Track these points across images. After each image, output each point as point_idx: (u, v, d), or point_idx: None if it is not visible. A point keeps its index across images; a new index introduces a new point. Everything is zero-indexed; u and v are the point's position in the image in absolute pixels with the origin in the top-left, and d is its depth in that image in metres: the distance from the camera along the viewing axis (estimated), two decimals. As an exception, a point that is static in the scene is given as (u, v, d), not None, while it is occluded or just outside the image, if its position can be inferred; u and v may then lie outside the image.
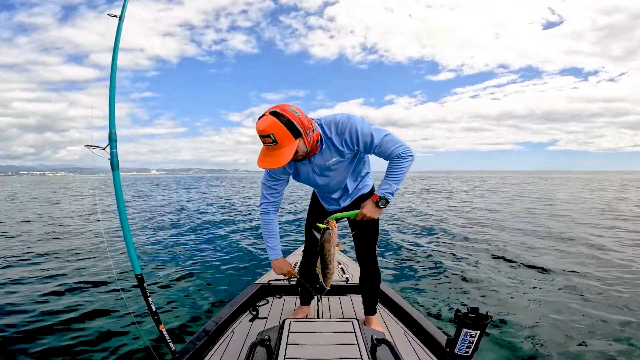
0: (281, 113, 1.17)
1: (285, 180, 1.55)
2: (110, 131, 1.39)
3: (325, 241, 1.32)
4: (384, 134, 1.32)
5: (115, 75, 1.38)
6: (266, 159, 1.21)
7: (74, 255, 4.71)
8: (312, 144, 1.29)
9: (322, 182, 1.51)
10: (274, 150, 1.20)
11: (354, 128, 1.31)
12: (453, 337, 1.19)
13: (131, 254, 1.48)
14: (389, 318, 1.95)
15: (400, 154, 1.32)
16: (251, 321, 1.92)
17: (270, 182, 1.53)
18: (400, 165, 1.33)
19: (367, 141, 1.32)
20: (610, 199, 13.53)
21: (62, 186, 28.73)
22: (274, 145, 1.19)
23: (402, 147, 1.32)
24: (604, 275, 3.73)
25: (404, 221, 7.80)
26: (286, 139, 1.18)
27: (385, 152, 1.34)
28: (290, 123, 1.18)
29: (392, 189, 1.35)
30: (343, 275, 2.46)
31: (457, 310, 1.17)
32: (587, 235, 6.03)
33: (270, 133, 1.16)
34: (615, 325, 2.55)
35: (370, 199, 1.38)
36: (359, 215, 1.39)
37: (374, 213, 1.38)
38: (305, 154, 1.32)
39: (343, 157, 1.39)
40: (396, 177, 1.34)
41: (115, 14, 1.43)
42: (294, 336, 1.27)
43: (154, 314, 1.52)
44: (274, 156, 1.19)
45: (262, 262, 4.39)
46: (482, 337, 1.14)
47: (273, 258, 1.60)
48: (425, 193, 15.60)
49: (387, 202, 1.36)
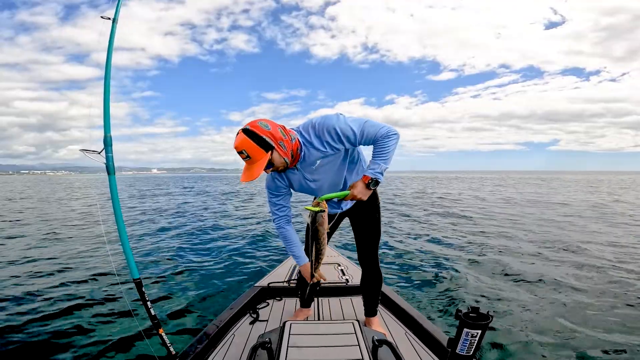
0: (251, 129, 1.25)
1: (287, 194, 1.60)
2: (106, 135, 1.38)
3: (319, 224, 1.31)
4: (363, 121, 1.34)
5: (109, 78, 1.36)
6: (245, 173, 1.28)
7: (72, 259, 4.69)
8: (291, 153, 1.33)
9: (315, 186, 1.52)
10: (250, 165, 1.27)
11: (331, 127, 1.32)
12: (454, 337, 1.18)
13: (129, 259, 1.47)
14: (390, 319, 1.94)
15: (384, 134, 1.32)
16: (251, 324, 1.91)
17: (274, 199, 1.59)
18: (386, 144, 1.33)
19: (348, 135, 1.33)
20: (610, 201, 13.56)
21: (65, 186, 28.61)
22: (248, 160, 1.26)
23: (385, 127, 1.33)
24: (606, 275, 3.73)
25: (403, 222, 7.80)
26: (258, 153, 1.25)
27: (370, 138, 1.34)
28: (259, 138, 1.25)
29: (381, 168, 1.34)
30: (343, 277, 2.46)
31: (458, 310, 1.16)
32: (587, 237, 6.04)
33: (243, 149, 1.24)
34: (615, 326, 2.54)
35: (361, 180, 1.37)
36: (349, 196, 1.38)
37: (364, 194, 1.37)
38: (287, 164, 1.35)
39: (327, 157, 1.40)
40: (384, 156, 1.33)
41: (109, 17, 1.42)
42: (295, 338, 1.26)
43: (153, 317, 1.51)
44: (250, 170, 1.26)
45: (262, 264, 4.38)
46: (483, 336, 1.13)
47: (300, 264, 1.65)
48: (424, 195, 15.62)
49: (377, 183, 1.35)
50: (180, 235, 6.65)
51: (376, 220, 1.68)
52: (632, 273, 3.76)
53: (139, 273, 1.50)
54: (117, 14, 1.40)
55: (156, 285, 3.58)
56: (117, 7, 1.40)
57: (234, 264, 4.43)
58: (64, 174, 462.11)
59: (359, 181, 1.37)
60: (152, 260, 4.69)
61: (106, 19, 1.38)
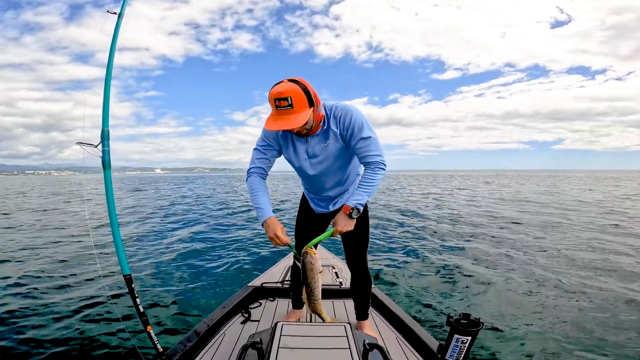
0: (300, 81, 1.25)
1: (276, 150, 1.52)
2: (103, 129, 1.38)
3: (308, 270, 1.34)
4: (372, 134, 1.37)
5: (111, 73, 1.37)
6: (278, 121, 1.24)
7: (62, 255, 4.63)
8: (317, 121, 1.35)
9: (313, 171, 1.49)
10: (288, 114, 1.23)
11: (349, 114, 1.36)
12: (445, 343, 1.19)
13: (120, 254, 1.45)
14: (382, 323, 1.94)
15: (376, 162, 1.37)
16: (243, 323, 1.90)
17: (263, 147, 1.50)
18: (374, 176, 1.37)
19: (354, 128, 1.35)
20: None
21: (67, 186, 28.23)
22: (288, 109, 1.22)
23: (380, 157, 1.37)
24: (606, 279, 3.77)
25: (395, 226, 7.82)
26: (302, 105, 1.23)
27: (365, 152, 1.37)
28: (308, 91, 1.25)
29: (363, 200, 1.36)
30: (336, 280, 2.46)
31: (449, 316, 1.17)
32: (589, 236, 6.11)
33: (288, 96, 1.20)
34: (614, 327, 2.57)
35: (342, 212, 1.38)
36: (335, 233, 1.39)
37: (348, 225, 1.38)
38: (310, 129, 1.36)
39: (336, 142, 1.41)
40: (369, 188, 1.37)
41: (115, 11, 1.42)
42: (286, 339, 1.26)
43: (141, 314, 1.50)
44: (288, 119, 1.23)
45: (256, 264, 4.36)
46: (473, 343, 1.14)
47: (263, 218, 1.42)
48: (427, 196, 15.69)
49: (358, 212, 1.36)
50: (172, 233, 6.60)
51: (364, 224, 1.64)
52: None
53: (129, 269, 1.49)
54: (124, 8, 1.41)
55: (146, 282, 3.54)
56: (124, 2, 1.41)
57: (227, 263, 4.41)
58: (68, 174, 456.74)
59: (339, 214, 1.38)
60: (143, 257, 4.65)
61: (112, 14, 1.38)
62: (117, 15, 1.39)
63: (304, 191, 1.78)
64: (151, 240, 5.90)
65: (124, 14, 1.41)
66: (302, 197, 1.82)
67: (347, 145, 1.43)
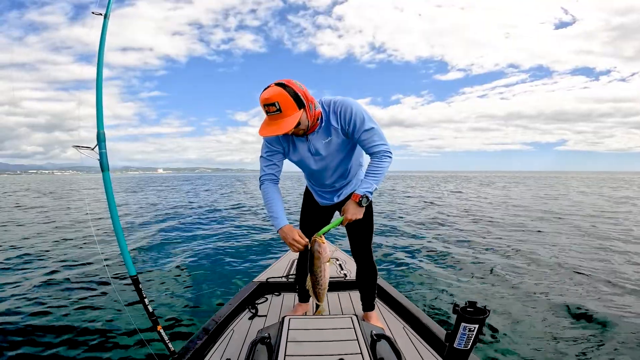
0: (287, 84, 1.23)
1: (281, 153, 1.52)
2: (99, 131, 1.36)
3: (315, 258, 1.33)
4: (374, 124, 1.37)
5: (101, 75, 1.34)
6: (269, 127, 1.24)
7: (69, 255, 4.67)
8: (313, 119, 1.33)
9: (317, 166, 1.50)
10: (277, 119, 1.24)
11: (349, 108, 1.35)
12: (452, 331, 1.19)
13: (125, 256, 1.46)
14: (388, 313, 1.95)
15: (382, 151, 1.37)
16: (250, 319, 1.91)
17: (268, 154, 1.51)
18: (381, 164, 1.38)
19: (356, 121, 1.35)
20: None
21: (71, 186, 28.43)
22: (277, 114, 1.22)
23: (385, 145, 1.38)
24: (606, 271, 3.76)
25: (400, 217, 7.82)
26: (290, 108, 1.22)
27: (369, 143, 1.37)
28: (295, 94, 1.23)
29: (372, 188, 1.37)
30: (341, 272, 2.46)
31: (455, 305, 1.16)
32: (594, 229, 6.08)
33: (276, 101, 1.20)
34: (614, 327, 2.57)
35: (351, 200, 1.38)
36: (345, 221, 1.40)
37: (358, 213, 1.39)
38: (307, 129, 1.35)
39: (338, 138, 1.41)
40: (376, 176, 1.37)
41: (101, 12, 1.39)
42: (294, 333, 1.27)
43: (151, 315, 1.51)
44: (277, 124, 1.23)
45: (261, 259, 4.38)
46: (480, 330, 1.14)
47: (278, 227, 1.45)
48: (427, 191, 15.66)
49: (368, 200, 1.37)
50: (177, 232, 6.64)
51: (369, 214, 1.63)
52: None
53: (135, 270, 1.49)
54: (109, 9, 1.37)
55: (153, 282, 3.57)
56: (109, 3, 1.37)
57: (232, 260, 4.44)
58: (71, 174, 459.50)
59: (349, 202, 1.39)
60: (148, 257, 4.69)
61: (97, 15, 1.35)
62: (103, 16, 1.36)
63: (308, 185, 1.77)
64: (153, 239, 5.94)
65: (110, 15, 1.37)
66: (306, 190, 1.81)
67: (349, 139, 1.42)
